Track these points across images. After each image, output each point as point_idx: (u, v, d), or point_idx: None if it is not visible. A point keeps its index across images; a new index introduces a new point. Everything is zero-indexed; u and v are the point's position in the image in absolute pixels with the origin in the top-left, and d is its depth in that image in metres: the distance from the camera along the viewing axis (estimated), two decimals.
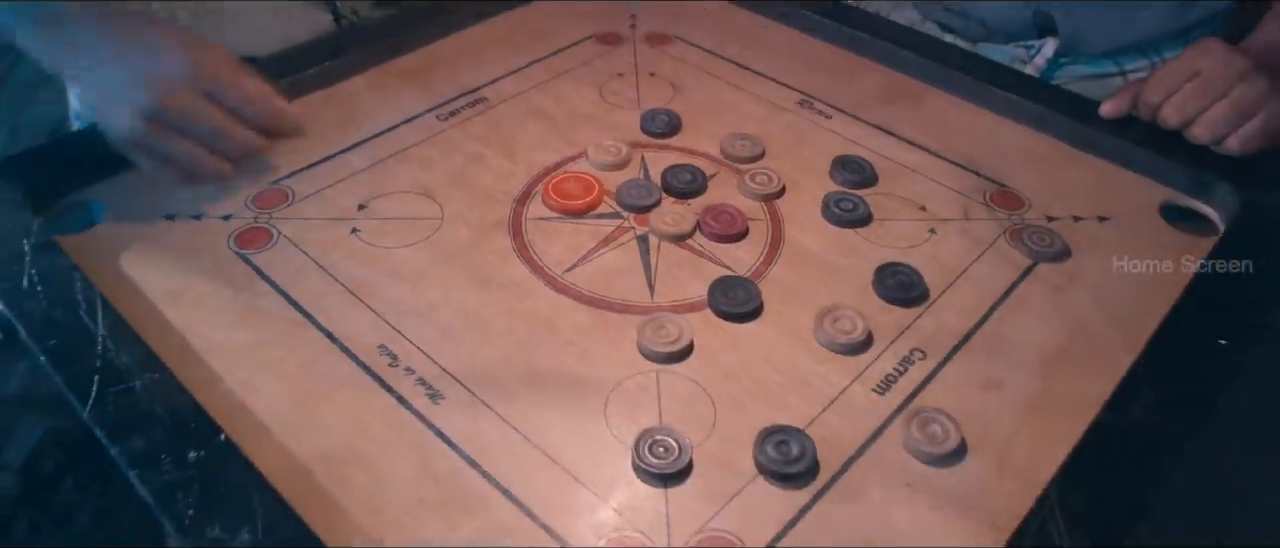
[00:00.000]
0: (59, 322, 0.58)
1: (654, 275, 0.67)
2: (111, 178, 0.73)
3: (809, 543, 0.49)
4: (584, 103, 0.86)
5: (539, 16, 1.00)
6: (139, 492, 0.49)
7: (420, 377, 0.58)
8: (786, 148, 0.80)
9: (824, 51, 0.95)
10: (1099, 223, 0.73)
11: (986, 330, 0.63)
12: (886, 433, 0.55)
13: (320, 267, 0.66)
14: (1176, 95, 0.75)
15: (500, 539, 0.49)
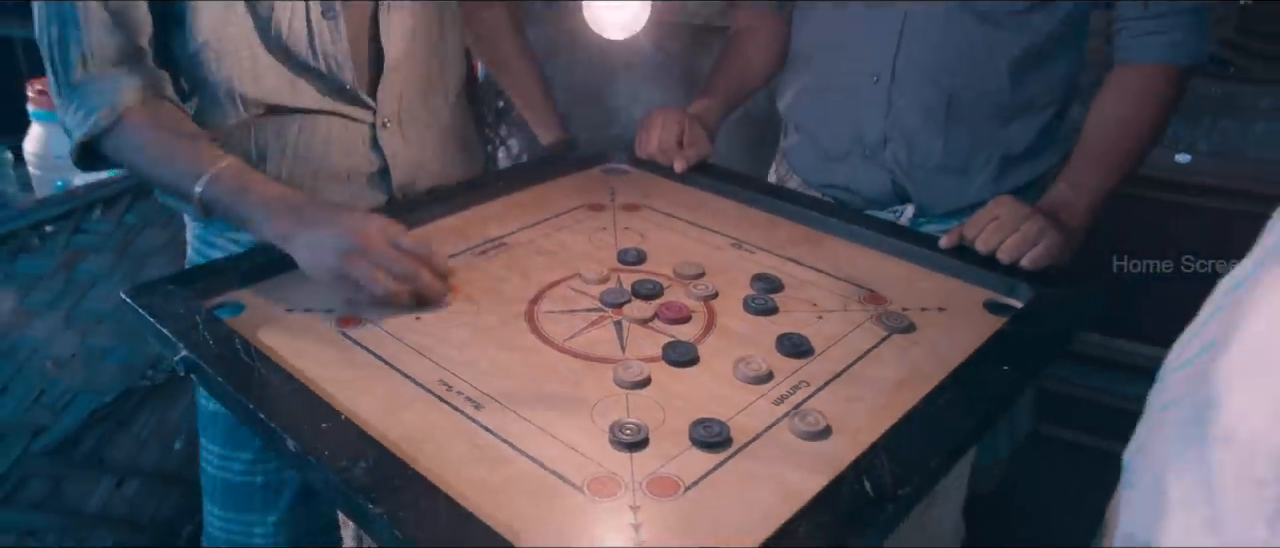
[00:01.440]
0: (225, 357, 0.85)
1: (625, 342, 0.94)
2: (245, 288, 1.02)
3: (724, 483, 0.74)
4: (577, 245, 1.16)
5: (545, 192, 1.32)
6: (288, 443, 0.74)
7: (467, 396, 0.84)
8: (721, 270, 1.09)
9: (753, 212, 1.26)
10: (939, 312, 1.01)
11: (852, 371, 0.89)
12: (778, 425, 0.81)
13: (395, 337, 0.93)
14: (984, 232, 1.05)
15: (522, 480, 0.74)
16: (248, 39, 1.06)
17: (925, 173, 1.22)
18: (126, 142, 1.02)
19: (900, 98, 1.19)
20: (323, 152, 1.13)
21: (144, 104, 1.03)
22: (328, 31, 1.09)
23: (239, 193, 1.00)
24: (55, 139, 1.59)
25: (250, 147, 1.11)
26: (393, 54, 1.15)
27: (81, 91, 1.02)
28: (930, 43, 1.15)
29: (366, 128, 1.17)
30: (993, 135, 1.20)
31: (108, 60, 1.02)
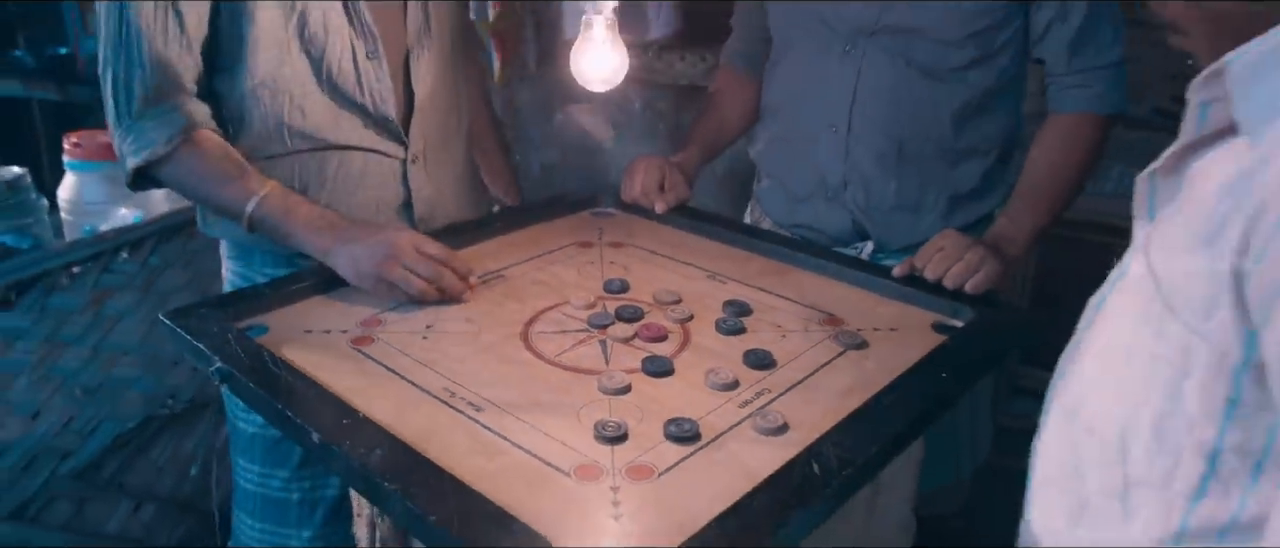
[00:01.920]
0: (255, 367, 0.96)
1: (609, 357, 1.05)
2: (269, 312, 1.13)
3: (693, 469, 0.84)
4: (567, 276, 1.27)
5: (539, 232, 1.43)
6: (313, 436, 0.85)
7: (468, 400, 0.94)
8: (696, 298, 1.20)
9: (727, 249, 1.37)
10: (891, 331, 1.12)
11: (810, 380, 1.00)
12: (742, 424, 0.91)
13: (403, 353, 1.04)
14: (932, 261, 1.17)
15: (517, 468, 0.84)
16: (302, 79, 1.20)
17: (881, 212, 1.34)
18: (181, 168, 1.16)
19: (857, 145, 1.32)
20: (357, 185, 1.27)
21: (196, 135, 1.16)
22: (372, 71, 1.24)
23: (284, 213, 1.14)
24: (87, 187, 1.71)
25: (293, 179, 1.24)
26: (422, 94, 1.30)
27: (141, 124, 1.15)
28: (882, 97, 1.28)
29: (397, 164, 1.30)
30: (941, 178, 1.32)
31: (165, 97, 1.15)
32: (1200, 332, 0.58)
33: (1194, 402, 0.60)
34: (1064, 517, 0.74)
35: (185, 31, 1.14)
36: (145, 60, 1.13)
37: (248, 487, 1.30)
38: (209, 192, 1.18)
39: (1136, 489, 0.67)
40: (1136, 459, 0.66)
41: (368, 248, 1.12)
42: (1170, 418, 0.62)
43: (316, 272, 1.18)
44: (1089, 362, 0.71)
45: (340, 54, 1.21)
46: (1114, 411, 0.67)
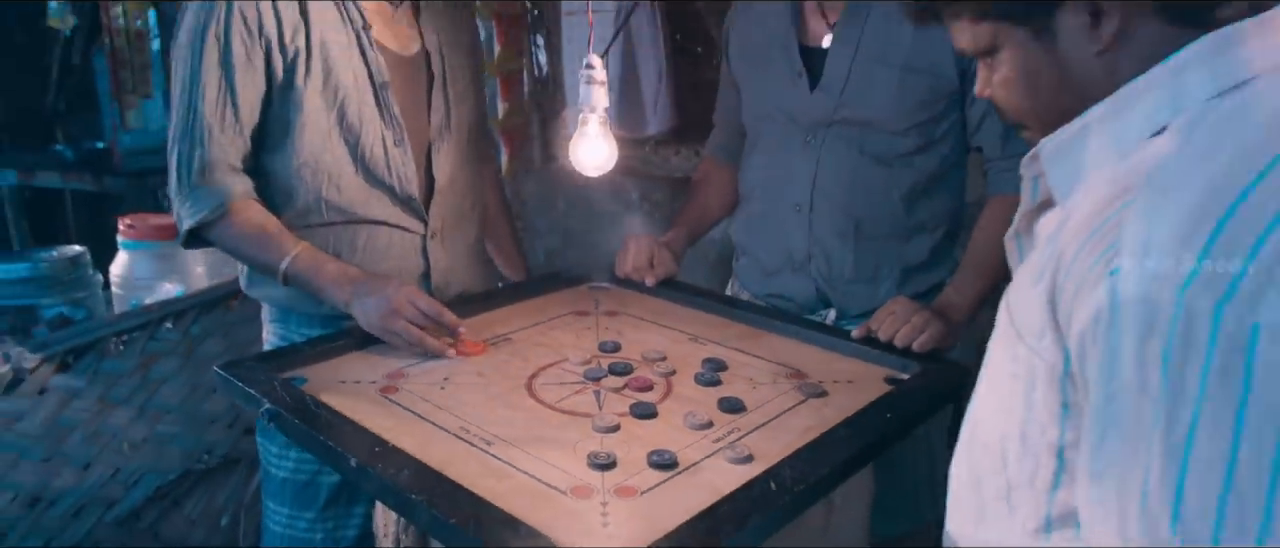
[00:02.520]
0: (298, 408, 1.11)
1: (602, 404, 1.20)
2: (307, 366, 1.28)
3: (670, 489, 0.99)
4: (566, 339, 1.43)
5: (542, 302, 1.59)
6: (351, 461, 0.99)
7: (480, 436, 1.09)
8: (679, 357, 1.36)
9: (708, 316, 1.53)
10: (848, 383, 1.27)
11: (775, 421, 1.15)
12: (715, 455, 1.06)
13: (424, 400, 1.19)
14: (884, 324, 1.33)
15: (522, 488, 0.98)
16: (340, 160, 1.39)
17: (842, 282, 1.51)
18: (229, 231, 1.35)
19: (819, 223, 1.49)
20: (382, 255, 1.44)
21: (242, 204, 1.35)
22: (399, 157, 1.43)
23: (313, 270, 1.32)
24: (137, 264, 1.88)
25: (328, 247, 1.41)
26: (441, 179, 1.49)
27: (198, 192, 1.34)
28: (839, 180, 1.46)
29: (418, 238, 1.48)
30: (894, 252, 1.49)
31: (216, 172, 1.35)
32: (1037, 350, 0.74)
33: (1041, 409, 0.76)
34: (971, 522, 0.89)
35: (240, 119, 1.35)
36: (204, 141, 1.33)
37: (276, 529, 1.44)
38: (250, 251, 1.37)
39: (1015, 490, 0.82)
40: (1012, 464, 0.81)
41: (374, 302, 1.30)
42: (1029, 425, 0.77)
43: (349, 333, 1.35)
44: (982, 388, 0.87)
45: (373, 141, 1.40)
46: (995, 425, 0.82)
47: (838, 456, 1.03)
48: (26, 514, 1.51)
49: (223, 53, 1.32)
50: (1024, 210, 0.86)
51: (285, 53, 1.34)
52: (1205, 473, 0.64)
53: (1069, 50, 0.79)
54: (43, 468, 1.53)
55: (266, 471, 1.45)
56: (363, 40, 1.39)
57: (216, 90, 1.32)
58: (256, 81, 1.35)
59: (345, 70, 1.37)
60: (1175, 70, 0.75)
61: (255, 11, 1.32)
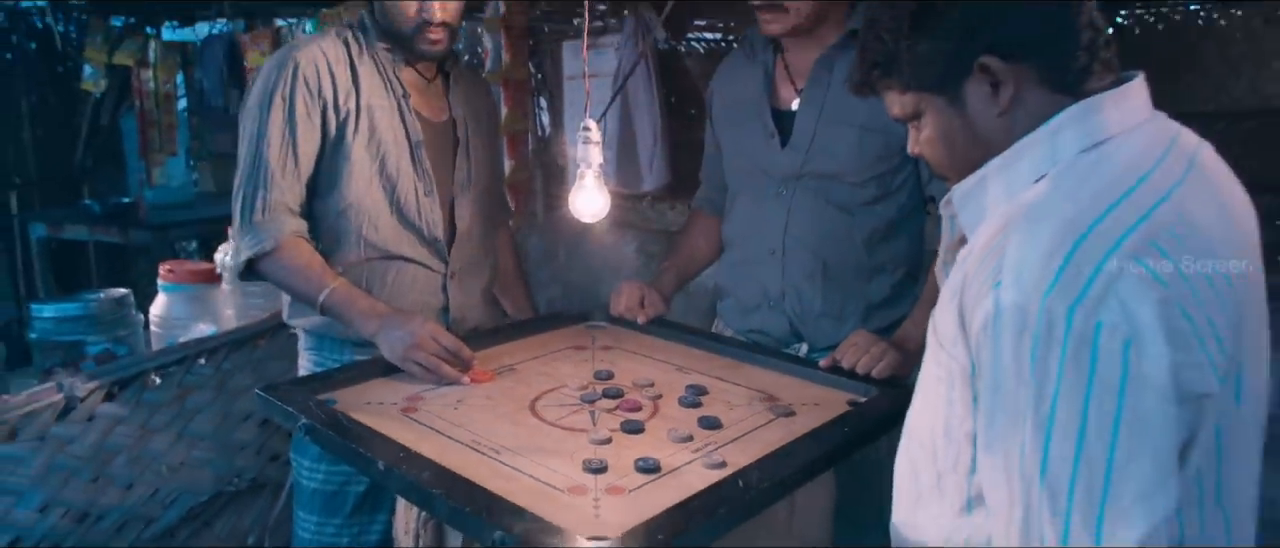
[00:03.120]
0: (331, 423, 1.27)
1: (596, 421, 1.36)
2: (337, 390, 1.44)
3: (654, 489, 1.14)
4: (565, 369, 1.58)
5: (544, 338, 1.75)
6: (379, 464, 1.15)
7: (489, 447, 1.24)
8: (666, 384, 1.51)
9: (693, 350, 1.68)
10: (815, 405, 1.42)
11: (747, 436, 1.30)
12: (693, 462, 1.21)
13: (440, 417, 1.34)
14: (846, 354, 1.49)
15: (526, 488, 1.13)
16: (378, 205, 1.59)
17: (812, 318, 1.67)
18: (278, 264, 1.54)
19: (790, 265, 1.65)
20: (408, 290, 1.62)
21: (292, 241, 1.54)
22: (428, 205, 1.64)
23: (346, 303, 1.49)
24: (175, 305, 2.05)
25: (363, 280, 1.60)
26: (461, 227, 1.69)
27: (257, 227, 1.53)
28: (807, 227, 1.63)
29: (439, 277, 1.67)
30: (858, 291, 1.65)
31: (274, 212, 1.53)
32: (953, 355, 0.90)
33: (959, 405, 0.92)
34: (909, 508, 1.04)
35: (298, 167, 1.55)
36: (267, 184, 1.53)
37: (305, 536, 1.58)
38: (294, 283, 1.55)
39: (944, 477, 0.97)
40: (940, 455, 0.97)
41: (399, 335, 1.46)
42: (950, 420, 0.93)
43: (375, 361, 1.51)
44: (917, 394, 1.03)
45: (407, 190, 1.61)
46: (925, 423, 0.98)
47: (798, 462, 1.19)
48: (76, 528, 1.65)
49: (288, 111, 1.53)
50: (946, 244, 1.03)
51: (338, 113, 1.55)
52: (1063, 438, 0.81)
53: (976, 113, 0.97)
54: (91, 487, 1.68)
55: (298, 483, 1.60)
56: (402, 106, 1.61)
57: (280, 142, 1.52)
58: (314, 136, 1.55)
59: (387, 130, 1.58)
60: (1053, 131, 0.93)
61: (315, 77, 1.54)
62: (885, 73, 1.01)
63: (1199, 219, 0.88)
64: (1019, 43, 0.93)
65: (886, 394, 1.43)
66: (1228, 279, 0.87)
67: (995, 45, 0.93)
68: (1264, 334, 0.96)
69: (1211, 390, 0.84)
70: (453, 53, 1.70)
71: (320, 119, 1.56)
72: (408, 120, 1.62)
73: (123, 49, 3.94)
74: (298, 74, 1.53)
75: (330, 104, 1.55)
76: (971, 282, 0.89)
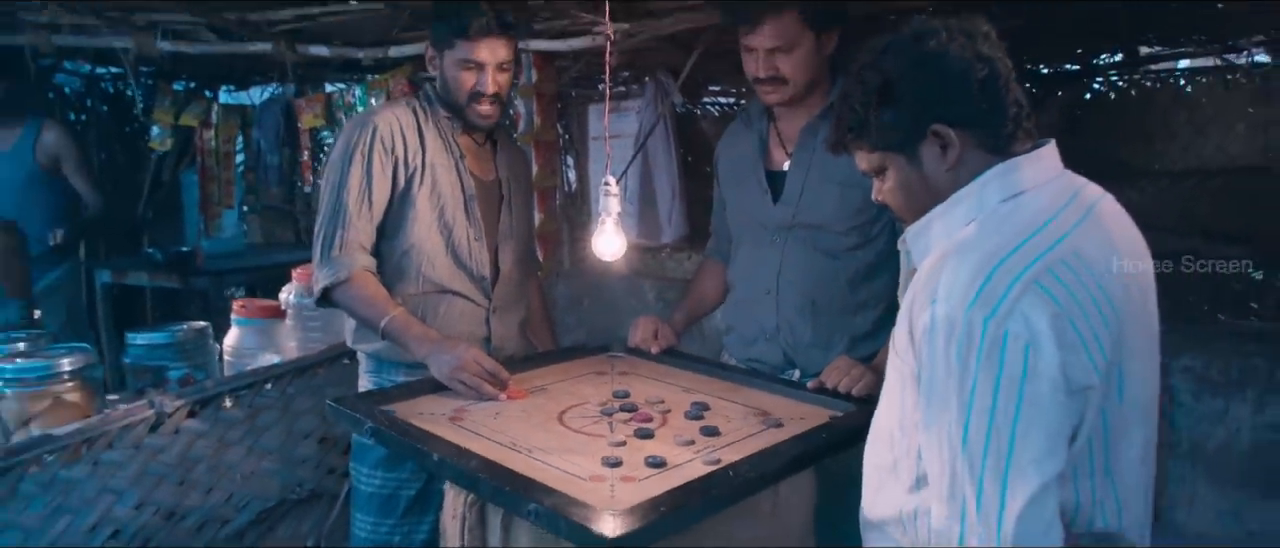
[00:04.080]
0: (393, 427, 1.51)
1: (613, 429, 1.59)
2: (395, 403, 1.69)
3: (661, 480, 1.37)
4: (588, 390, 1.82)
5: (569, 366, 1.98)
6: (434, 457, 1.39)
7: (523, 448, 1.47)
8: (675, 401, 1.74)
9: (699, 376, 1.92)
10: (800, 419, 1.65)
11: (742, 441, 1.52)
12: (693, 460, 1.44)
13: (482, 425, 1.58)
14: (829, 377, 1.72)
15: (555, 476, 1.37)
16: (437, 246, 1.85)
17: (803, 348, 1.90)
18: (349, 293, 1.79)
19: (784, 303, 1.89)
20: (457, 321, 1.88)
21: (362, 275, 1.80)
22: (477, 248, 1.91)
23: (403, 328, 1.74)
24: (245, 337, 2.31)
25: (419, 310, 1.85)
26: (504, 269, 1.95)
27: (334, 261, 1.79)
28: (798, 270, 1.87)
29: (483, 311, 1.93)
30: (844, 324, 1.88)
31: (349, 248, 1.79)
32: (904, 360, 1.14)
33: (909, 402, 1.15)
34: (873, 493, 1.27)
35: (372, 211, 1.82)
36: (345, 225, 1.80)
37: (362, 535, 1.81)
38: (362, 309, 1.80)
39: (899, 462, 1.20)
40: (896, 443, 1.20)
41: (448, 358, 1.70)
42: (904, 414, 1.16)
43: (426, 380, 1.76)
44: (881, 398, 1.26)
45: (460, 235, 1.88)
46: (886, 419, 1.22)
47: (781, 459, 1.42)
48: (165, 526, 1.90)
49: (366, 165, 1.81)
50: (905, 273, 1.27)
51: (407, 168, 1.83)
52: (979, 417, 1.04)
53: (929, 169, 1.21)
54: (177, 490, 1.92)
55: (356, 488, 1.84)
56: (459, 166, 1.90)
57: (358, 190, 1.80)
58: (386, 186, 1.83)
59: (446, 184, 1.85)
60: (981, 184, 1.18)
61: (390, 138, 1.83)
62: (857, 136, 1.26)
63: (1089, 254, 1.12)
64: (962, 114, 1.18)
65: (863, 410, 1.65)
66: (1110, 300, 1.10)
67: (944, 116, 1.17)
68: (1148, 343, 1.18)
69: (1093, 384, 1.07)
70: (500, 123, 1.98)
71: (392, 172, 1.84)
72: (463, 177, 1.90)
73: (188, 111, 4.27)
74: (376, 134, 1.82)
75: (401, 160, 1.83)
76: (916, 300, 1.14)
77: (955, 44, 1.17)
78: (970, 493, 1.06)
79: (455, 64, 1.84)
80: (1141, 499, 1.18)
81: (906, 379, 1.17)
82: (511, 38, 1.87)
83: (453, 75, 1.85)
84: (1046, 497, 1.04)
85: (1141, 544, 1.19)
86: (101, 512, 1.82)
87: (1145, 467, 1.17)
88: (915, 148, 1.21)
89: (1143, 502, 1.18)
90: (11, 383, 1.91)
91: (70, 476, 1.81)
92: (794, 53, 1.77)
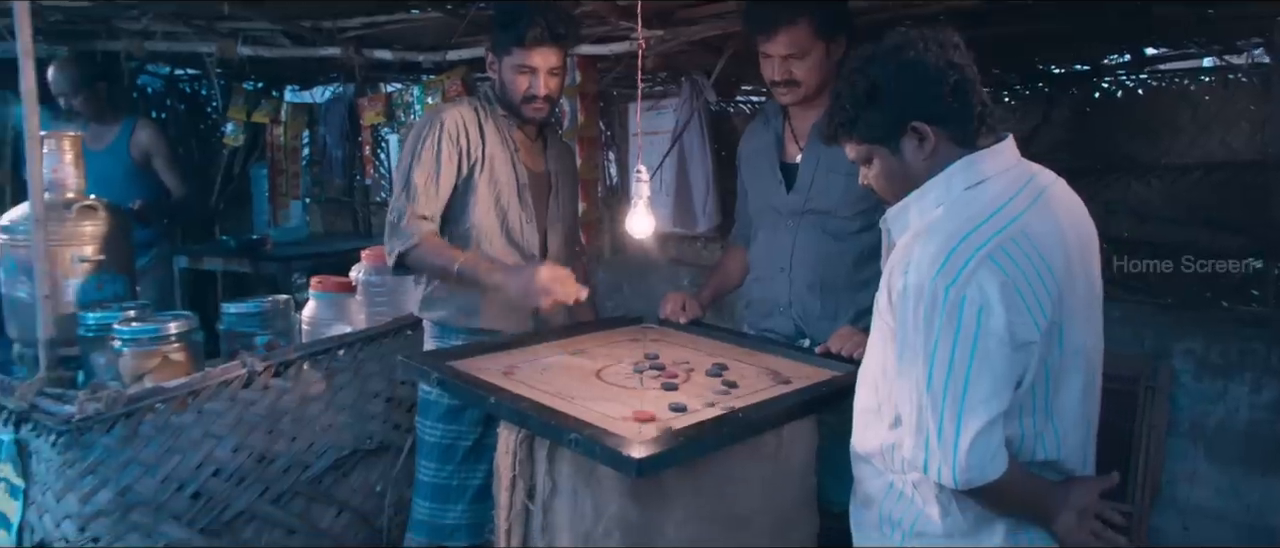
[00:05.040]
0: (456, 376, 1.78)
1: (643, 384, 1.84)
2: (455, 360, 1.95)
3: (682, 420, 1.61)
4: (623, 352, 2.05)
5: (609, 334, 2.24)
6: (490, 399, 1.65)
7: (567, 396, 1.72)
8: (697, 362, 1.97)
9: (720, 342, 2.15)
10: (806, 378, 1.88)
11: (754, 394, 1.76)
12: (712, 406, 1.68)
13: (531, 379, 1.83)
14: (834, 342, 1.94)
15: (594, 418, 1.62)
16: (494, 227, 2.10)
17: (812, 320, 2.12)
18: (422, 253, 2.05)
19: (796, 280, 2.12)
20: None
21: (430, 236, 2.05)
22: (529, 231, 2.18)
23: (474, 263, 2.00)
24: (321, 309, 2.60)
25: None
26: (552, 250, 2.20)
27: (404, 231, 2.04)
28: (808, 251, 2.09)
29: None
30: (848, 299, 2.09)
31: (417, 220, 2.04)
32: (886, 320, 1.37)
33: (890, 354, 1.38)
34: (861, 432, 1.50)
35: (439, 193, 2.08)
36: (415, 200, 2.05)
37: (425, 480, 2.08)
38: (434, 262, 2.06)
39: (882, 404, 1.43)
40: (878, 390, 1.43)
41: (525, 276, 1.97)
42: (887, 364, 1.39)
43: (479, 343, 2.02)
44: (868, 350, 1.49)
45: (514, 219, 2.13)
46: (871, 367, 1.45)
47: (784, 406, 1.65)
48: (257, 467, 2.18)
49: (436, 151, 2.07)
50: (886, 248, 1.50)
51: (469, 157, 2.09)
52: (940, 365, 1.27)
53: (908, 159, 1.43)
54: (266, 437, 2.21)
55: (421, 438, 2.11)
56: (514, 156, 2.15)
57: (426, 173, 2.06)
58: (451, 172, 2.09)
59: (503, 173, 2.11)
60: (949, 174, 1.40)
61: (456, 131, 2.09)
62: (847, 130, 1.49)
63: (1035, 232, 1.33)
64: (936, 113, 1.40)
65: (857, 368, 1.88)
66: (1051, 270, 1.32)
67: (921, 114, 1.40)
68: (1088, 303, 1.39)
69: (1035, 340, 1.29)
70: (550, 120, 2.24)
71: (457, 161, 2.10)
72: (517, 168, 2.15)
73: (260, 109, 4.60)
74: (443, 128, 2.08)
75: (464, 151, 2.09)
76: (894, 270, 1.37)
77: (930, 53, 1.39)
78: (933, 427, 1.29)
79: (512, 68, 2.10)
80: (1080, 434, 1.39)
81: (887, 336, 1.40)
82: (562, 46, 2.11)
83: (509, 78, 2.10)
84: (993, 429, 1.26)
85: (1080, 471, 1.41)
86: (205, 453, 2.12)
87: (1083, 407, 1.39)
88: (897, 141, 1.43)
89: (1081, 436, 1.40)
90: (128, 343, 2.20)
91: (179, 421, 2.10)
92: (806, 59, 2.00)
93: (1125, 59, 3.24)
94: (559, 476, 1.61)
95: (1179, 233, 3.15)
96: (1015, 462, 1.32)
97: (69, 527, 2.00)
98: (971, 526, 1.37)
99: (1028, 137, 3.35)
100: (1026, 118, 3.45)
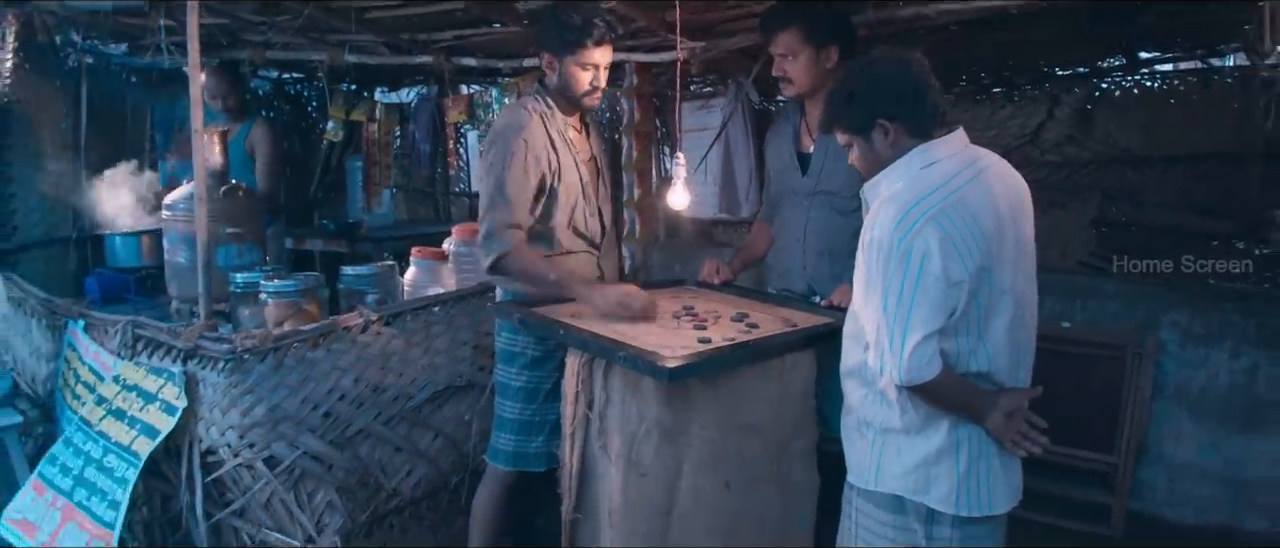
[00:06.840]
0: (534, 317, 2.24)
1: (680, 326, 2.27)
2: (532, 308, 2.41)
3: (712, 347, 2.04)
4: (664, 304, 2.47)
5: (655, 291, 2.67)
6: (561, 331, 2.10)
7: (623, 335, 2.17)
8: (725, 312, 2.38)
9: (748, 299, 2.57)
10: (811, 324, 2.29)
11: (768, 333, 2.19)
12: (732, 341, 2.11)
13: (589, 321, 2.29)
14: (836, 296, 2.34)
15: (644, 347, 2.06)
16: (566, 221, 2.48)
17: (822, 281, 2.51)
18: (514, 262, 2.40)
19: (808, 249, 2.51)
20: (579, 265, 2.52)
21: (521, 247, 2.41)
22: (592, 220, 2.55)
23: (567, 282, 2.37)
24: (420, 274, 3.11)
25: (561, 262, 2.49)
26: (605, 227, 2.60)
27: (498, 238, 2.40)
28: (819, 225, 2.48)
29: (594, 257, 2.57)
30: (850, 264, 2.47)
31: (508, 228, 2.41)
32: (861, 263, 1.79)
33: (870, 289, 1.79)
34: (847, 354, 1.91)
35: (526, 198, 2.43)
36: (507, 209, 2.40)
37: (509, 417, 2.52)
38: (527, 271, 2.41)
39: (863, 329, 1.84)
40: (857, 319, 1.84)
41: (612, 294, 2.32)
42: (868, 296, 1.80)
43: (550, 296, 2.47)
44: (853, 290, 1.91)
45: (580, 212, 2.51)
46: (855, 303, 1.86)
47: (789, 338, 2.08)
48: (372, 395, 2.67)
49: (524, 169, 2.40)
50: (864, 213, 1.92)
51: (548, 167, 2.45)
52: (892, 298, 1.68)
53: (877, 147, 1.84)
54: (379, 372, 2.70)
55: (504, 384, 2.54)
56: (577, 161, 2.52)
57: (514, 185, 2.39)
58: (532, 181, 2.43)
59: (572, 179, 2.48)
60: (908, 158, 1.80)
61: (538, 148, 2.43)
62: (834, 123, 1.91)
63: (970, 200, 1.72)
64: (898, 113, 1.80)
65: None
66: (982, 230, 1.71)
67: (884, 113, 1.81)
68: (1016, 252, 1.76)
69: (965, 279, 1.68)
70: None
71: (539, 176, 2.43)
72: (580, 168, 2.52)
73: (357, 109, 5.15)
74: (529, 147, 2.41)
75: (543, 161, 2.44)
76: (865, 229, 1.78)
77: (893, 67, 1.80)
78: (887, 340, 1.70)
79: (576, 65, 2.49)
80: (1008, 355, 1.78)
81: (864, 275, 1.82)
82: (614, 44, 2.54)
83: (574, 74, 2.50)
84: (929, 342, 1.67)
85: (1010, 384, 1.79)
86: (333, 381, 2.61)
87: (1011, 334, 1.77)
88: (869, 133, 1.84)
89: (1010, 357, 1.78)
90: (272, 295, 2.72)
91: (313, 357, 2.59)
92: (797, 60, 2.40)
93: (1120, 62, 3.55)
94: (612, 389, 2.05)
95: (1169, 217, 3.44)
96: (951, 369, 1.72)
97: (232, 435, 2.51)
98: (923, 421, 1.77)
99: (1034, 131, 3.68)
100: (1033, 114, 3.77)
